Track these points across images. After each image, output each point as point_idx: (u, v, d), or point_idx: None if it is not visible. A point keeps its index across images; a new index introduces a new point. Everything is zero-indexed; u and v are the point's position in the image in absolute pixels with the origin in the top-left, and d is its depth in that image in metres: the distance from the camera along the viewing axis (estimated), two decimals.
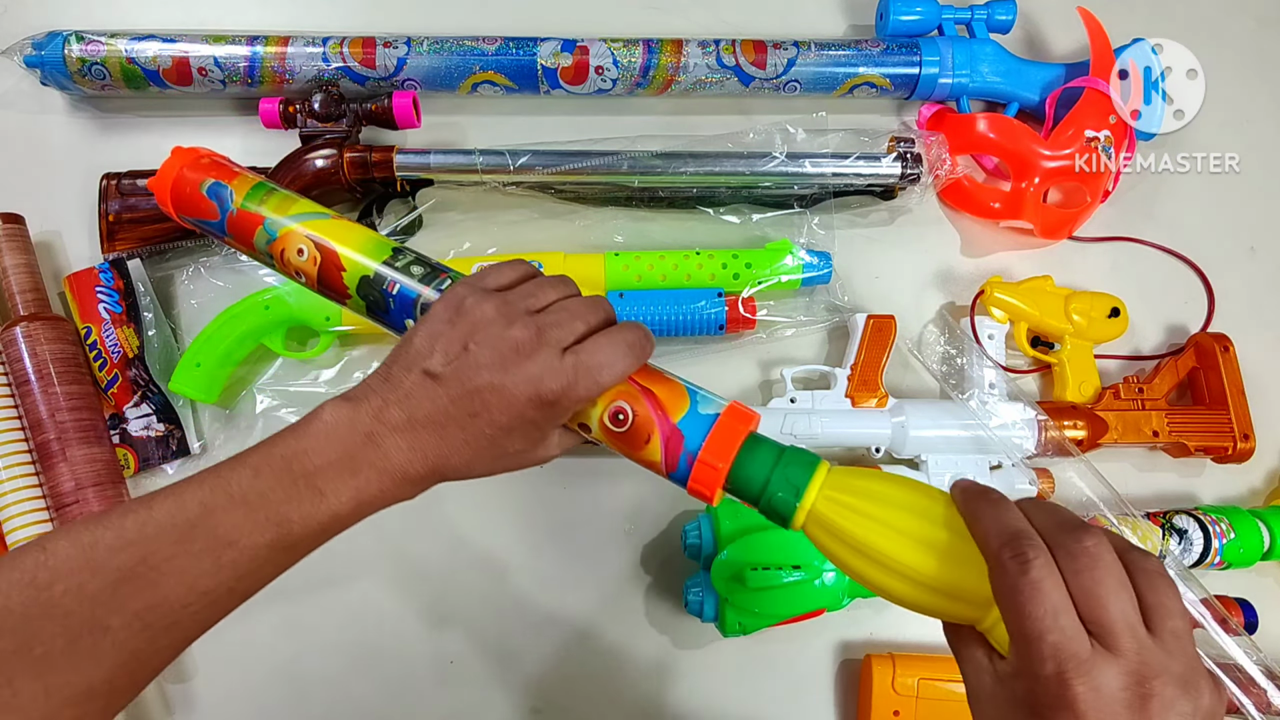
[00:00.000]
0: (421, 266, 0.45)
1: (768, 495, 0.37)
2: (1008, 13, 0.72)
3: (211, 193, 0.49)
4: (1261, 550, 0.62)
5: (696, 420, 0.39)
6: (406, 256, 0.45)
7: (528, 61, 0.68)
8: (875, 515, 0.35)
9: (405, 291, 0.44)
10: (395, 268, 0.44)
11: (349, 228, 0.47)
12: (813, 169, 0.66)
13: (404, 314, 0.44)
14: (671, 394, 0.40)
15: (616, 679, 0.62)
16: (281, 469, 0.36)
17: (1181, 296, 0.73)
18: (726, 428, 0.38)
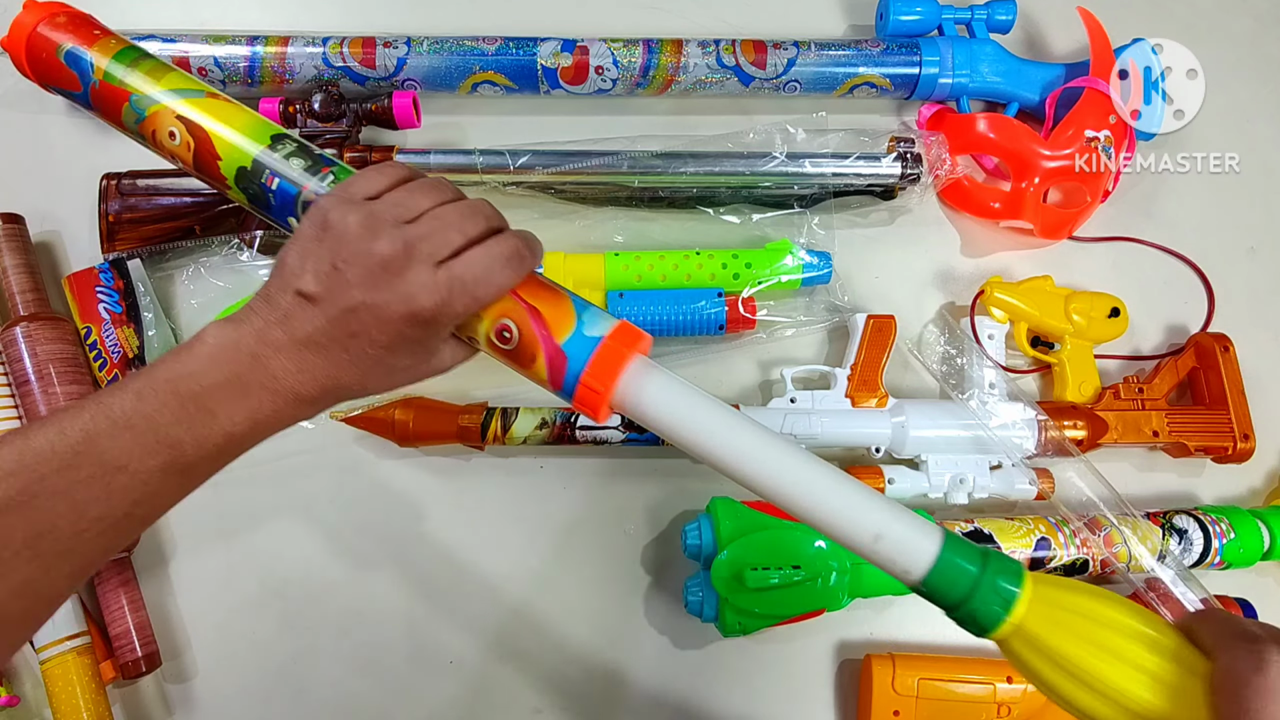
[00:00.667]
0: (303, 158, 0.41)
1: (971, 605, 0.34)
2: (1008, 13, 0.72)
3: (70, 60, 0.43)
4: (1261, 550, 0.62)
5: (581, 342, 0.37)
6: (287, 146, 0.41)
7: (528, 61, 0.68)
8: (1089, 635, 0.33)
9: (285, 186, 0.40)
10: (274, 157, 0.41)
11: (229, 108, 0.42)
12: (813, 169, 0.66)
13: (286, 211, 0.41)
14: (558, 312, 0.38)
15: (616, 679, 0.62)
16: (168, 391, 0.35)
17: (1181, 296, 0.73)
18: (611, 350, 0.37)
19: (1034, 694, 0.58)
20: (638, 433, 0.61)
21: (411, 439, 0.62)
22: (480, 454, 0.65)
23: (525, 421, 0.61)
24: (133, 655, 0.58)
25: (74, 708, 0.56)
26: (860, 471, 0.62)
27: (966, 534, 0.59)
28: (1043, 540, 0.60)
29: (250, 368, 0.36)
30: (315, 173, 0.41)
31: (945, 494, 0.62)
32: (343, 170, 0.41)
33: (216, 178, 0.42)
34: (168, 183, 0.66)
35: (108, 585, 0.59)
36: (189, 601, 0.62)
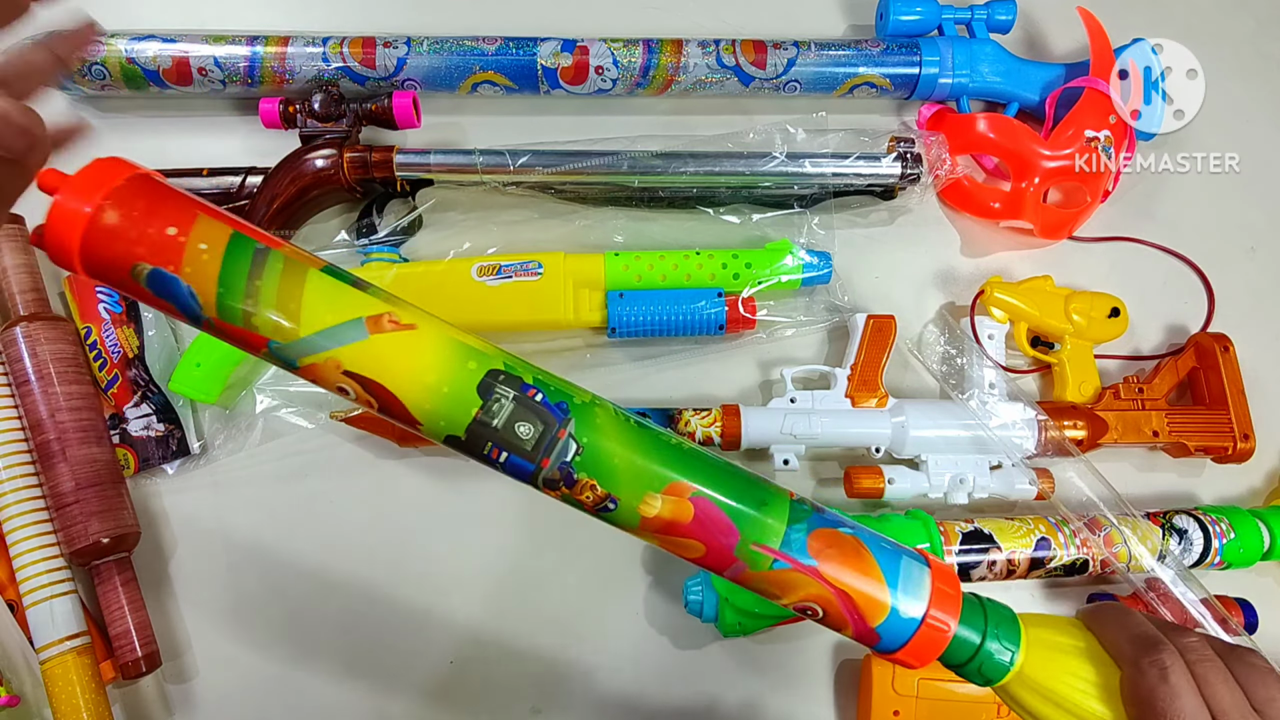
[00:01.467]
0: (529, 418, 0.33)
1: (979, 660, 0.35)
2: (1008, 13, 0.72)
3: (157, 286, 0.32)
4: (1261, 550, 0.62)
5: (898, 626, 0.35)
6: (503, 400, 0.33)
7: (528, 61, 0.68)
8: (1064, 666, 0.35)
9: (516, 461, 0.34)
10: (490, 424, 0.33)
11: (405, 346, 0.32)
12: (813, 169, 0.66)
13: (522, 477, 0.35)
14: (867, 597, 0.35)
15: (616, 679, 0.62)
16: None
17: (1181, 296, 0.73)
18: (929, 636, 0.34)
19: None
20: None
21: (411, 439, 0.62)
22: None
23: None
24: (133, 655, 0.58)
25: (74, 708, 0.56)
26: (860, 471, 0.62)
27: (966, 534, 0.59)
28: (1043, 540, 0.60)
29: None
30: (548, 442, 0.33)
31: (945, 494, 0.62)
32: (580, 413, 0.34)
33: (414, 427, 0.34)
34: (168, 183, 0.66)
35: (108, 585, 0.59)
36: (189, 601, 0.62)
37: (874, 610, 0.34)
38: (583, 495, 0.34)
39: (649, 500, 0.34)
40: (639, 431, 0.35)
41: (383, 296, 0.33)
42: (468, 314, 0.64)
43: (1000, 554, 0.59)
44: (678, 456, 0.35)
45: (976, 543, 0.59)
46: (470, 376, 0.33)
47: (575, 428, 0.33)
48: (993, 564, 0.59)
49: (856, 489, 0.62)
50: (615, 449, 0.34)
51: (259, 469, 0.64)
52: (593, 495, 0.34)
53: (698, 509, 0.34)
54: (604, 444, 0.33)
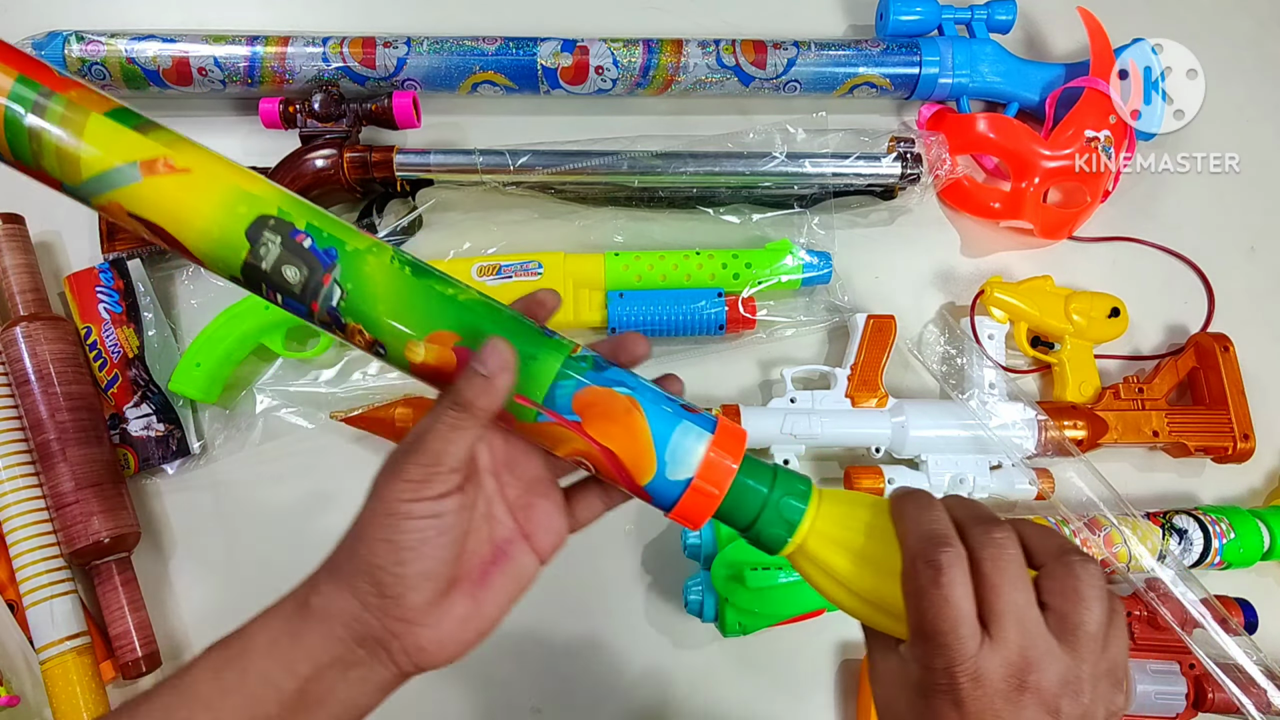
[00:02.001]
0: (294, 264, 0.34)
1: (757, 528, 0.35)
2: (1008, 13, 0.72)
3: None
4: (1261, 550, 0.62)
5: (665, 486, 0.34)
6: (269, 244, 0.34)
7: (528, 61, 0.68)
8: (857, 547, 0.34)
9: (290, 303, 0.35)
10: (263, 270, 0.34)
11: (179, 190, 0.34)
12: (813, 169, 0.66)
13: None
14: (634, 457, 0.34)
15: (616, 679, 0.62)
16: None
17: (1181, 296, 0.73)
18: (696, 500, 0.34)
19: None
20: None
21: None
22: None
23: None
24: (133, 655, 0.58)
25: (74, 708, 0.56)
26: (860, 471, 0.62)
27: None
28: None
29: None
30: (313, 286, 0.34)
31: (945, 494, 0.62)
32: (349, 260, 0.34)
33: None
34: None
35: (107, 585, 0.59)
36: (189, 601, 0.62)
37: (640, 470, 0.34)
38: (354, 339, 0.35)
39: (412, 347, 0.34)
40: (411, 280, 0.35)
41: (165, 140, 0.35)
42: None
43: None
44: (447, 306, 0.34)
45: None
46: (239, 221, 0.34)
47: (340, 274, 0.34)
48: None
49: (856, 489, 0.62)
50: (381, 296, 0.34)
51: (259, 469, 0.64)
52: (362, 339, 0.35)
53: (460, 359, 0.34)
54: (370, 290, 0.34)
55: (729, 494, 0.34)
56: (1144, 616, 0.60)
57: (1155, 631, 0.59)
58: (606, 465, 0.35)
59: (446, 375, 0.34)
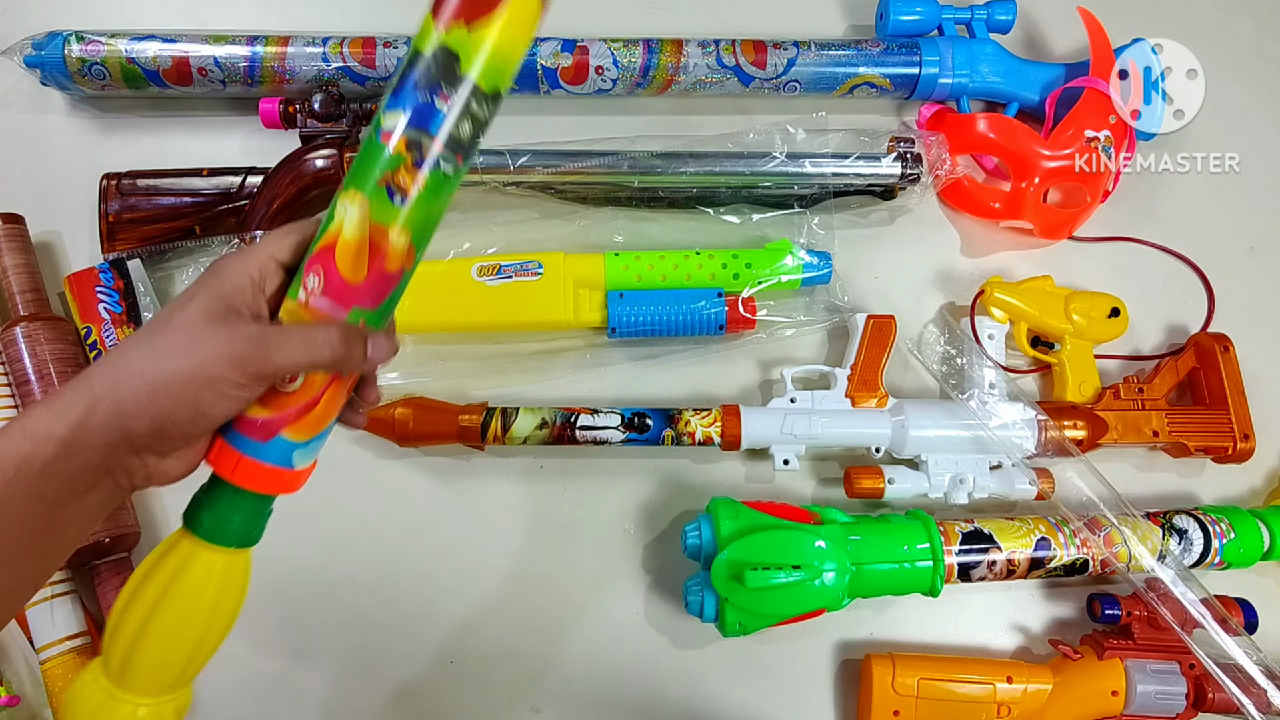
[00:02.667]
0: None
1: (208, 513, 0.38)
2: (1008, 13, 0.72)
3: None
4: (1261, 550, 0.62)
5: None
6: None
7: (528, 61, 0.68)
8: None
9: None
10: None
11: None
12: (813, 169, 0.66)
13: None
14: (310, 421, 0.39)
15: (616, 679, 0.62)
16: None
17: (1181, 296, 0.73)
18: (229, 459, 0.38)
19: (1034, 694, 0.58)
20: (638, 433, 0.61)
21: (411, 439, 0.62)
22: (480, 454, 0.65)
23: (525, 421, 0.61)
24: None
25: None
26: (860, 471, 0.62)
27: (966, 534, 0.59)
28: (1043, 540, 0.60)
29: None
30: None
31: (945, 494, 0.62)
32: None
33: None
34: (168, 183, 0.66)
35: (108, 585, 0.59)
36: None
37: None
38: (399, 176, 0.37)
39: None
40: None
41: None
42: (468, 314, 0.64)
43: (1000, 554, 0.59)
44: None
45: (976, 543, 0.59)
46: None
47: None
48: (993, 564, 0.59)
49: (856, 489, 0.62)
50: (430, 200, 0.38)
51: None
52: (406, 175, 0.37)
53: (380, 256, 0.38)
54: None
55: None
56: (1144, 616, 0.60)
57: (1155, 631, 0.59)
58: (306, 404, 0.38)
59: (377, 261, 0.37)
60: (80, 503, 0.34)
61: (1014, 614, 0.65)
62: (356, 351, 0.36)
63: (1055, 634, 0.64)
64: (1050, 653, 0.62)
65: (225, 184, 0.66)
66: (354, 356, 0.36)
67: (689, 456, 0.67)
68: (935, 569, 0.57)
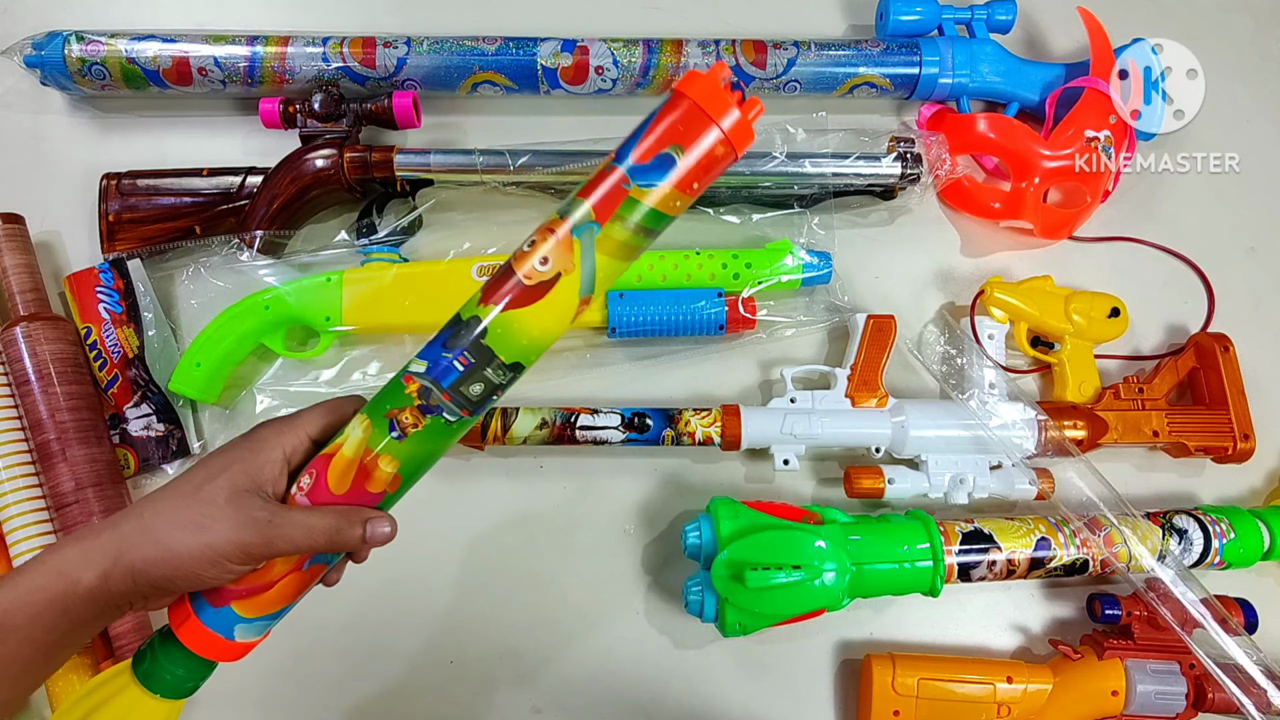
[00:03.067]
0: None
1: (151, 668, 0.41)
2: (1008, 13, 0.72)
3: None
4: (1261, 550, 0.62)
5: (213, 618, 0.41)
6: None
7: (528, 61, 0.68)
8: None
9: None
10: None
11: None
12: (813, 169, 0.66)
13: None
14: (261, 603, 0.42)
15: (616, 679, 0.62)
16: None
17: (1181, 296, 0.73)
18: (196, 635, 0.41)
19: (1034, 694, 0.58)
20: (638, 433, 0.61)
21: None
22: (480, 454, 0.65)
23: (525, 421, 0.61)
24: None
25: None
26: (860, 471, 0.62)
27: (966, 534, 0.59)
28: (1043, 540, 0.60)
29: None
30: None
31: (945, 494, 0.62)
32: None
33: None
34: (168, 183, 0.66)
35: None
36: None
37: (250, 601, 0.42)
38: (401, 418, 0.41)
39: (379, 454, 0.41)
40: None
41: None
42: None
43: (1000, 554, 0.59)
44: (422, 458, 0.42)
45: (976, 543, 0.59)
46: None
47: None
48: (993, 564, 0.59)
49: (856, 489, 0.62)
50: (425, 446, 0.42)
51: None
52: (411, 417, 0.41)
53: (367, 486, 0.42)
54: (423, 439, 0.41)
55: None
56: (1144, 616, 0.60)
57: (1155, 631, 0.59)
58: (258, 586, 0.41)
59: (361, 481, 0.41)
60: (89, 629, 0.38)
61: (1014, 614, 0.65)
62: (351, 536, 0.40)
63: (1055, 634, 0.64)
64: (1050, 653, 0.62)
65: (225, 184, 0.66)
66: (349, 540, 0.40)
67: (689, 456, 0.67)
68: (935, 569, 0.57)
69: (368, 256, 0.66)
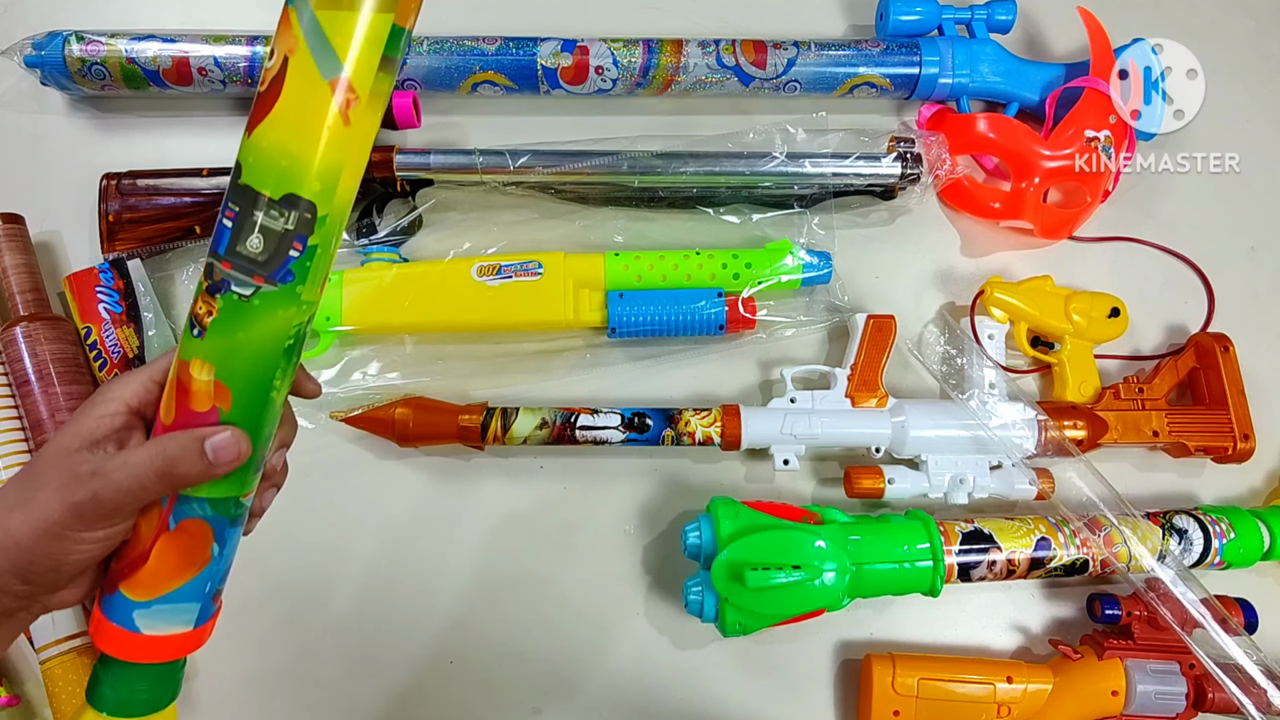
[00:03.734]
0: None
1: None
2: (1008, 13, 0.72)
3: None
4: (1261, 550, 0.62)
5: (119, 610, 0.36)
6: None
7: (528, 61, 0.68)
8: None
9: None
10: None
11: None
12: (813, 169, 0.66)
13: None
14: (154, 578, 0.36)
15: (616, 679, 0.62)
16: None
17: (1181, 296, 0.73)
18: (118, 640, 0.36)
19: (1034, 694, 0.58)
20: (638, 433, 0.61)
21: (411, 439, 0.62)
22: (480, 454, 0.65)
23: (525, 421, 0.61)
24: None
25: (74, 708, 0.56)
26: (860, 471, 0.62)
27: (966, 534, 0.59)
28: (1043, 540, 0.60)
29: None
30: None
31: (945, 494, 0.62)
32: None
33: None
34: (168, 183, 0.66)
35: None
36: None
37: (136, 583, 0.36)
38: (196, 308, 0.35)
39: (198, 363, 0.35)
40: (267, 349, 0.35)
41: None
42: (468, 314, 0.64)
43: (1000, 554, 0.59)
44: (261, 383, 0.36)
45: (976, 543, 0.59)
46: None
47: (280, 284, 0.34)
48: (993, 564, 0.59)
49: (856, 489, 0.62)
50: (246, 337, 0.34)
51: None
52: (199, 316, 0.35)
53: (193, 403, 0.35)
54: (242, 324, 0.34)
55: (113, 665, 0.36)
56: (1144, 616, 0.60)
57: (1155, 631, 0.59)
58: (133, 558, 0.35)
59: (183, 400, 0.34)
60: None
61: (1014, 614, 0.65)
62: (189, 462, 0.34)
63: (1055, 634, 0.64)
64: (1050, 653, 0.62)
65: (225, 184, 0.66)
66: (188, 467, 0.34)
67: (689, 456, 0.67)
68: (935, 569, 0.57)
69: (368, 256, 0.66)
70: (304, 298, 0.34)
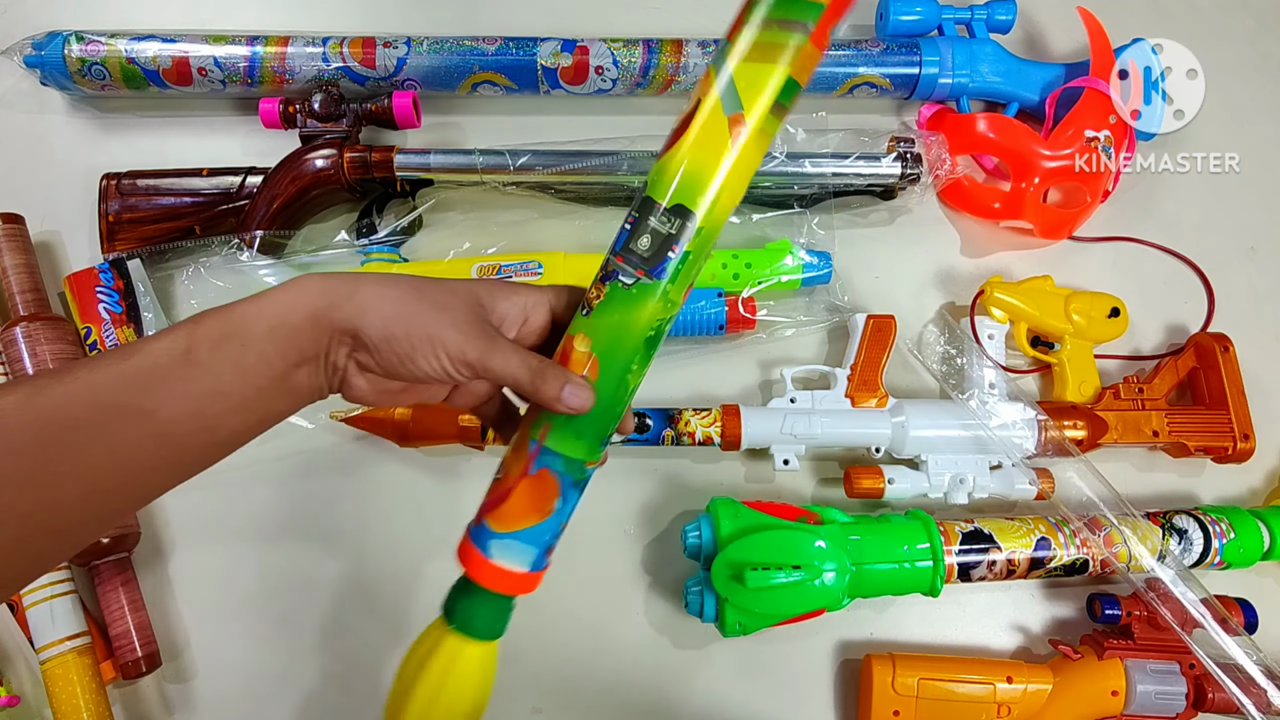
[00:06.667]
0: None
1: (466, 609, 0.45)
2: (1008, 13, 0.72)
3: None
4: (1261, 550, 0.62)
5: (484, 538, 0.44)
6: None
7: (528, 61, 0.68)
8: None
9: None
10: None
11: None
12: (812, 169, 0.66)
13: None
14: (515, 514, 0.43)
15: (616, 679, 0.62)
16: None
17: (1181, 296, 0.73)
18: (480, 566, 0.44)
19: (1034, 694, 0.58)
20: (638, 433, 0.61)
21: (411, 439, 0.62)
22: (480, 454, 0.65)
23: None
24: (133, 655, 0.58)
25: (74, 708, 0.56)
26: (860, 471, 0.62)
27: (966, 534, 0.59)
28: (1043, 540, 0.60)
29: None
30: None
31: (945, 494, 0.62)
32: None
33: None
34: (168, 183, 0.66)
35: (108, 585, 0.59)
36: (189, 601, 0.62)
37: (502, 515, 0.43)
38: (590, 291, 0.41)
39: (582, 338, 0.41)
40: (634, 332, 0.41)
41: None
42: None
43: (1000, 554, 0.59)
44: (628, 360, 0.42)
45: (976, 543, 0.59)
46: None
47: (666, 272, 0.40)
48: (993, 564, 0.59)
49: (856, 489, 0.62)
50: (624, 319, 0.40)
51: (259, 469, 0.64)
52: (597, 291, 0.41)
53: (572, 361, 0.41)
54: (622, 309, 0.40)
55: (479, 592, 0.44)
56: (1144, 616, 0.60)
57: (1155, 631, 0.59)
58: (500, 493, 0.43)
59: (564, 364, 0.41)
60: (295, 376, 0.37)
61: (1014, 614, 0.65)
62: (549, 387, 0.39)
63: (1055, 634, 0.64)
64: (1050, 653, 0.62)
65: (225, 184, 0.66)
66: (546, 389, 0.39)
67: (689, 456, 0.67)
68: (935, 569, 0.57)
69: (368, 256, 0.66)
70: (671, 296, 0.39)
